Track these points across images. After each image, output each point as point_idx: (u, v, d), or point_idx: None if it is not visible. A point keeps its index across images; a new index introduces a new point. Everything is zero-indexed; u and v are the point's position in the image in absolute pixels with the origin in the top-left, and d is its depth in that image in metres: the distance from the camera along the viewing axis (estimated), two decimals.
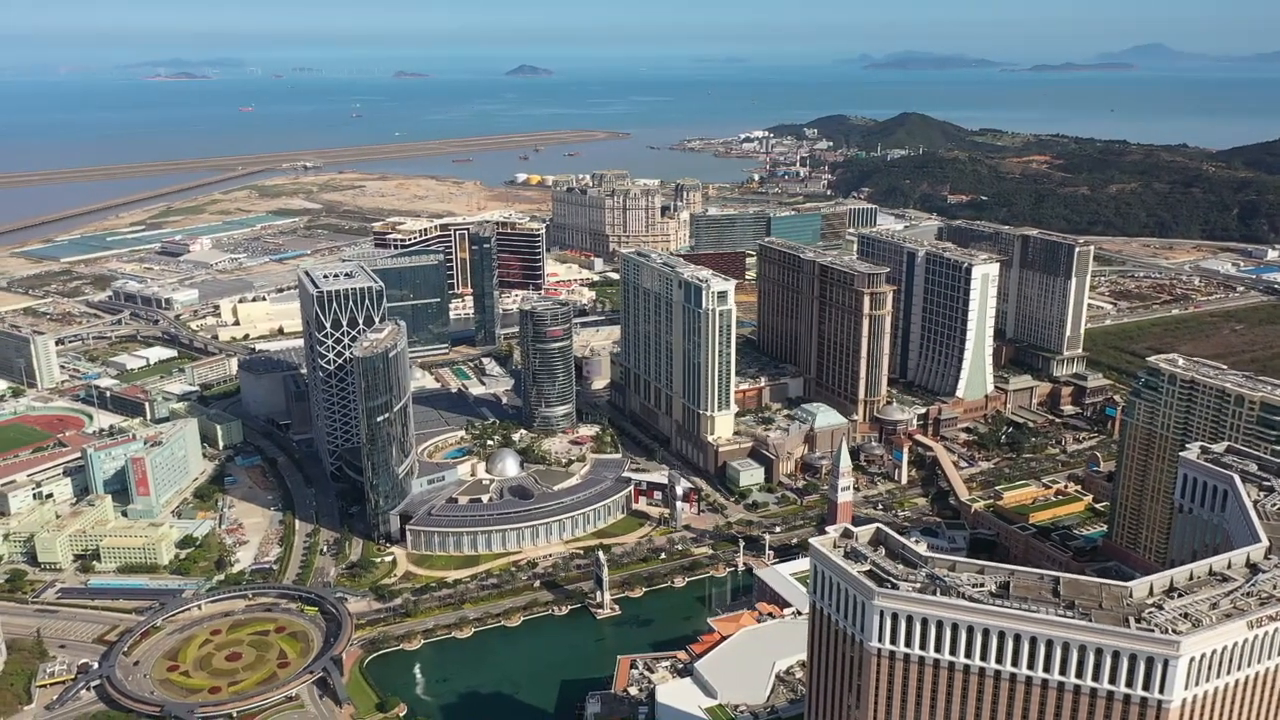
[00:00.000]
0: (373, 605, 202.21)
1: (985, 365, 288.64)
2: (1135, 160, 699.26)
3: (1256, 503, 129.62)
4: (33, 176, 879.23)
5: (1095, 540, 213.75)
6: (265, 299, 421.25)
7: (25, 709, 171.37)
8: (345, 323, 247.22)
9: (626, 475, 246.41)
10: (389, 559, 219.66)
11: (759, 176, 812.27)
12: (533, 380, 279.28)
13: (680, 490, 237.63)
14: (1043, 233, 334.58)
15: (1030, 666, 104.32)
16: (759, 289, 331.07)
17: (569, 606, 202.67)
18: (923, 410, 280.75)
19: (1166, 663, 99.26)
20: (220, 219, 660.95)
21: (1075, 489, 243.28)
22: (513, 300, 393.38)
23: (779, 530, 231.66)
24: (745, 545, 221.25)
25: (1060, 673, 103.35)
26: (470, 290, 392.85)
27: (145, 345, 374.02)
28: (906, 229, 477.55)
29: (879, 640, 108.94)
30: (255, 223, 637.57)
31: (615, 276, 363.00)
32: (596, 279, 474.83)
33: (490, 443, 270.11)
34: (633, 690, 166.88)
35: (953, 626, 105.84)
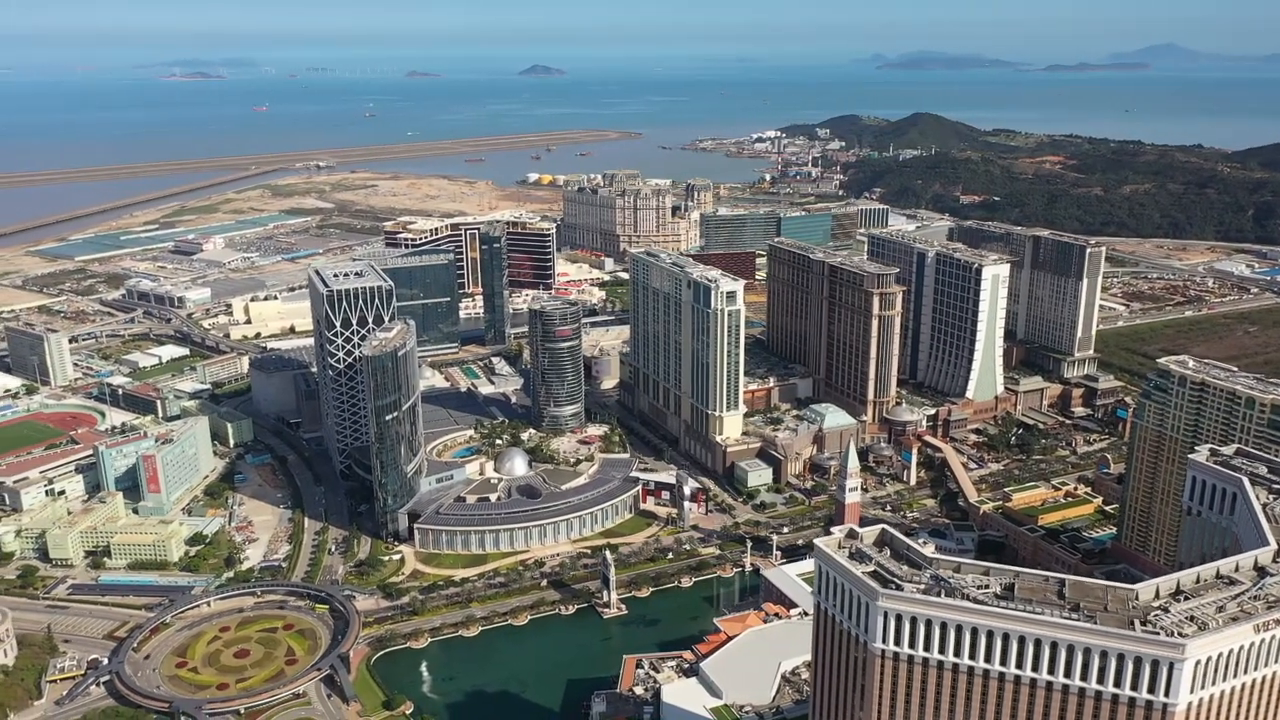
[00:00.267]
0: (380, 603, 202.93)
1: (995, 366, 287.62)
2: (1149, 161, 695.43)
3: (1266, 506, 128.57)
4: (48, 175, 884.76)
5: (1104, 543, 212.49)
6: (277, 298, 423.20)
7: (36, 704, 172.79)
8: (355, 322, 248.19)
9: (634, 475, 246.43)
10: (397, 557, 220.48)
11: (770, 176, 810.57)
12: (541, 380, 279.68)
13: (688, 490, 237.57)
14: (1054, 233, 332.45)
15: (1035, 669, 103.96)
16: (768, 289, 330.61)
17: (576, 606, 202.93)
18: (932, 411, 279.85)
19: (1172, 666, 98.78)
20: (233, 218, 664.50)
21: (1085, 491, 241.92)
22: (523, 300, 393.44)
23: (787, 531, 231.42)
24: (753, 545, 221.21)
25: (1065, 675, 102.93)
26: (480, 290, 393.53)
27: (158, 343, 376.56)
28: (918, 229, 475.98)
29: (883, 641, 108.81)
30: (268, 222, 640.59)
31: (625, 276, 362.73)
32: (607, 279, 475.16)
33: (499, 442, 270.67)
34: (638, 690, 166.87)
35: (957, 628, 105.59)
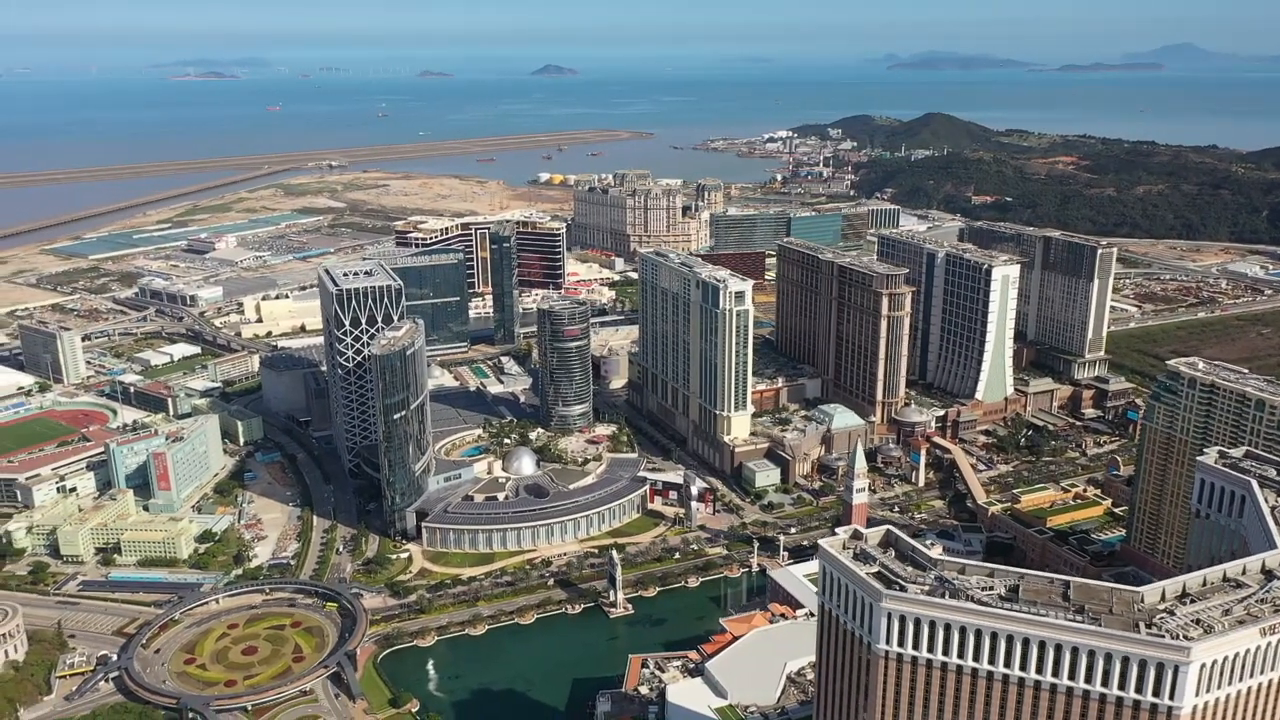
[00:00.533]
0: (388, 601, 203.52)
1: (1005, 367, 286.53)
2: (1163, 161, 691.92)
3: (1274, 508, 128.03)
4: (62, 175, 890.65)
5: (1113, 545, 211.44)
6: (288, 296, 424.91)
7: (45, 699, 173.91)
8: (364, 321, 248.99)
9: (642, 475, 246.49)
10: (405, 556, 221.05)
11: (782, 176, 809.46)
12: (550, 379, 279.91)
13: (695, 490, 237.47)
14: (1065, 234, 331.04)
15: (1039, 671, 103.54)
16: (778, 289, 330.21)
17: (582, 605, 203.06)
18: (941, 412, 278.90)
19: (1177, 669, 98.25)
20: (246, 217, 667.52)
21: (1095, 493, 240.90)
22: (533, 299, 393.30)
23: (794, 531, 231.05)
24: (760, 546, 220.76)
25: (1069, 678, 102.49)
26: (490, 289, 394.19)
27: (170, 342, 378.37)
28: (929, 230, 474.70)
29: (886, 642, 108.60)
30: (280, 221, 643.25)
31: (635, 276, 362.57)
32: (617, 279, 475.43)
33: (507, 441, 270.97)
34: (643, 689, 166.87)
35: (960, 630, 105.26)
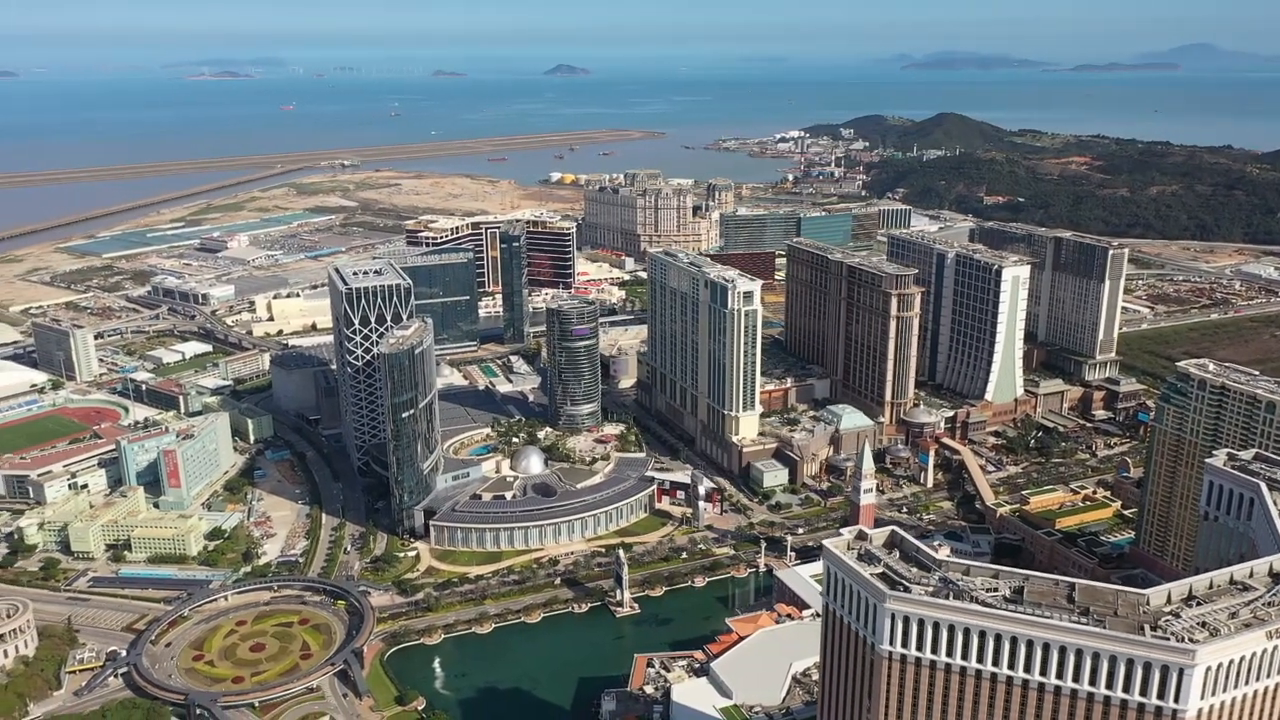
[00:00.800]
0: (395, 599, 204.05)
1: (1015, 368, 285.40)
2: (1177, 162, 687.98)
3: None
4: (77, 174, 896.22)
5: (1122, 547, 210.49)
6: (299, 295, 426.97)
7: (55, 694, 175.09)
8: (374, 319, 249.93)
9: (650, 474, 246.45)
10: (412, 554, 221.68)
11: (793, 176, 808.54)
12: (559, 378, 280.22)
13: (703, 490, 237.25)
14: (1076, 235, 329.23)
15: (1043, 673, 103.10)
16: (787, 289, 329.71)
17: (589, 604, 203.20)
18: (950, 413, 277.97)
19: (1182, 672, 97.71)
20: (258, 216, 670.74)
21: (1105, 495, 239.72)
22: (543, 299, 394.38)
23: (801, 532, 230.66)
24: (767, 546, 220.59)
25: (1074, 680, 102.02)
26: (500, 288, 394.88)
27: (181, 340, 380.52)
28: (941, 230, 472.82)
29: (890, 644, 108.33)
30: (292, 220, 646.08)
31: (645, 276, 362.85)
32: (627, 278, 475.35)
33: (515, 440, 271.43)
34: (648, 689, 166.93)
35: (965, 631, 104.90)
